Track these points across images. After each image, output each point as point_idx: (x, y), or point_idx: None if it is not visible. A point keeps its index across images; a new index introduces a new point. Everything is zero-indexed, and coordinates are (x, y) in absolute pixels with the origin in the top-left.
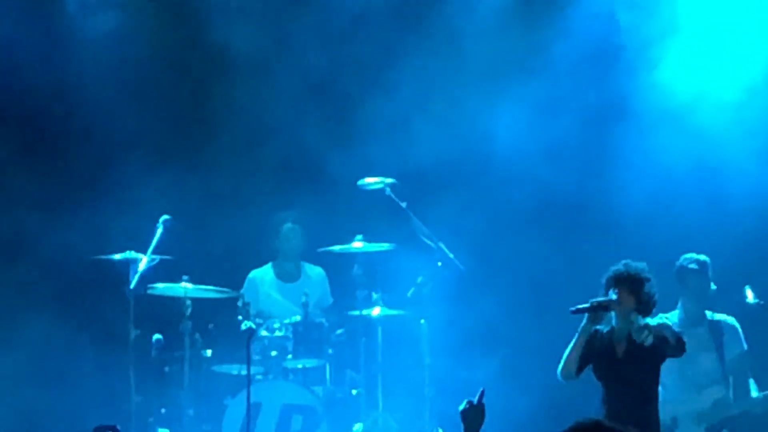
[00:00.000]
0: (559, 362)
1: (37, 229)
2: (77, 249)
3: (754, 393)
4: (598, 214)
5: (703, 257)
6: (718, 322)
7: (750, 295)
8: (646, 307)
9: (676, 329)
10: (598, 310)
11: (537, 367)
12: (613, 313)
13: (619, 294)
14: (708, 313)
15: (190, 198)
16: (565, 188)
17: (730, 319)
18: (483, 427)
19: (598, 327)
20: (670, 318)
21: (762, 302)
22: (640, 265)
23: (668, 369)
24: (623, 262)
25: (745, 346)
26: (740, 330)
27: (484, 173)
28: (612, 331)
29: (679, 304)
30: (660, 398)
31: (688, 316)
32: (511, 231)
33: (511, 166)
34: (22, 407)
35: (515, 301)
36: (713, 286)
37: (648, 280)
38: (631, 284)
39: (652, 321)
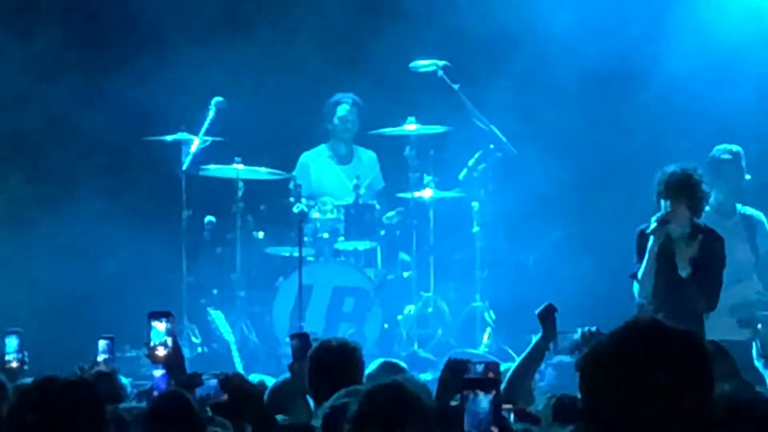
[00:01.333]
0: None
1: (89, 108)
2: (129, 129)
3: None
4: (647, 87)
5: (736, 147)
6: (750, 215)
7: None
8: (700, 206)
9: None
10: (663, 225)
11: (587, 250)
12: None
13: (675, 203)
14: (739, 206)
15: (243, 79)
16: (613, 63)
17: (759, 213)
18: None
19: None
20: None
21: None
22: (690, 168)
23: None
24: (676, 167)
25: None
26: None
27: (536, 53)
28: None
29: (712, 196)
30: None
31: (720, 207)
32: (562, 111)
33: (560, 44)
34: (73, 285)
35: (566, 183)
36: (747, 177)
37: (700, 182)
38: (688, 191)
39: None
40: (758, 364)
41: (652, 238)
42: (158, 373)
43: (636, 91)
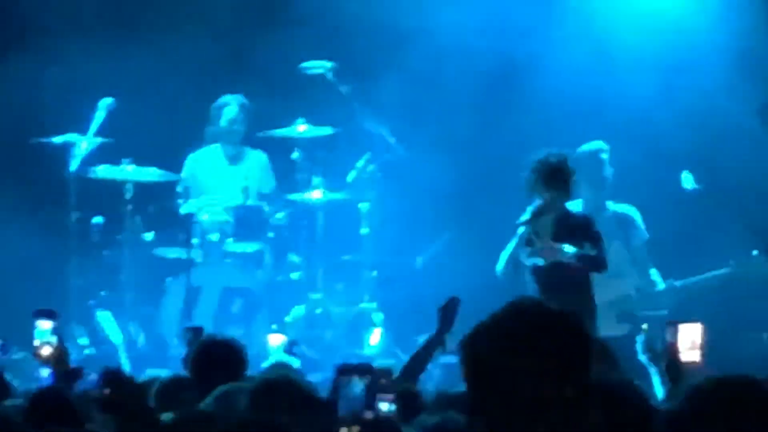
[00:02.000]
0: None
1: None
2: (16, 130)
3: (659, 283)
4: (535, 84)
5: (597, 143)
6: (622, 212)
7: (687, 181)
8: (569, 193)
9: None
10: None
11: (478, 251)
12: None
13: (549, 191)
14: (610, 203)
15: (132, 80)
16: (504, 64)
17: (631, 209)
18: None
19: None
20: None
21: (699, 187)
22: (562, 156)
23: None
24: (548, 155)
25: (646, 236)
26: (640, 219)
27: (426, 55)
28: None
29: (582, 195)
30: None
31: (588, 205)
32: (452, 110)
33: (449, 41)
34: None
35: (456, 183)
36: (607, 170)
37: (572, 170)
38: (561, 177)
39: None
40: (642, 358)
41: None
42: (45, 372)
43: (524, 88)
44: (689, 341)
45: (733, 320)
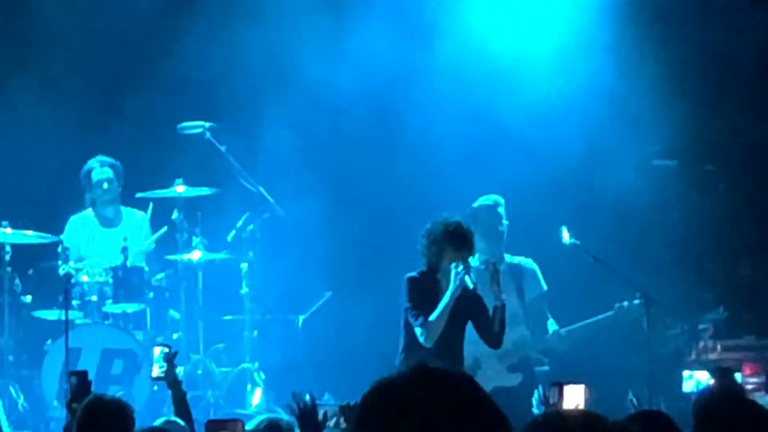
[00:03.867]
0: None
1: None
2: None
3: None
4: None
5: (493, 196)
6: (518, 264)
7: (566, 236)
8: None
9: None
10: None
11: (358, 310)
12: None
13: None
14: (507, 256)
15: (7, 139)
16: (383, 116)
17: (529, 261)
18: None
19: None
20: (472, 263)
21: (577, 242)
22: (461, 219)
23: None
24: (449, 218)
25: (545, 287)
26: (539, 271)
27: (303, 111)
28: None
29: (478, 248)
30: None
31: (485, 258)
32: (330, 170)
33: (327, 100)
34: None
35: (336, 244)
36: (504, 224)
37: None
38: (470, 241)
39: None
40: (537, 412)
41: (453, 284)
42: None
43: (405, 142)
44: (573, 402)
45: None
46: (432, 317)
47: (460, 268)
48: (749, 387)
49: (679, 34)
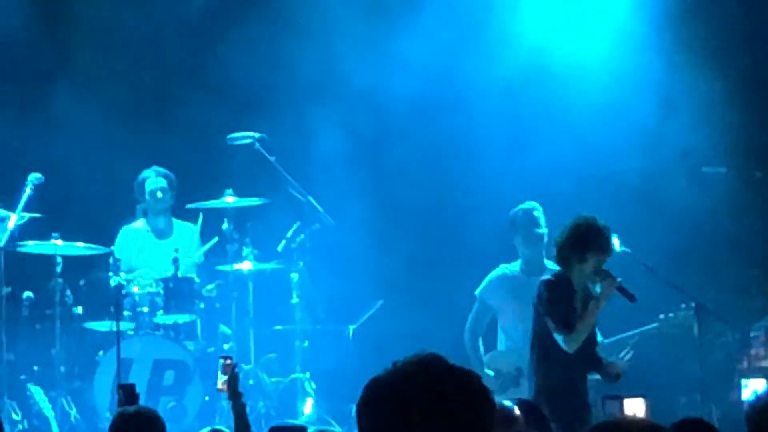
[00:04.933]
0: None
1: None
2: None
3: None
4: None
5: (531, 203)
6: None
7: (617, 243)
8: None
9: (517, 279)
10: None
11: (409, 319)
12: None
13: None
14: (548, 263)
15: (58, 152)
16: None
17: None
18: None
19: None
20: (511, 268)
21: (628, 250)
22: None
23: (512, 318)
24: (591, 219)
25: None
26: None
27: (357, 121)
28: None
29: (519, 254)
30: (504, 347)
31: (527, 264)
32: (383, 179)
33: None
34: None
35: (386, 252)
36: (543, 230)
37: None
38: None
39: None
40: None
41: (600, 290)
42: None
43: (454, 145)
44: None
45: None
46: (577, 326)
47: (610, 279)
48: None
49: (730, 39)
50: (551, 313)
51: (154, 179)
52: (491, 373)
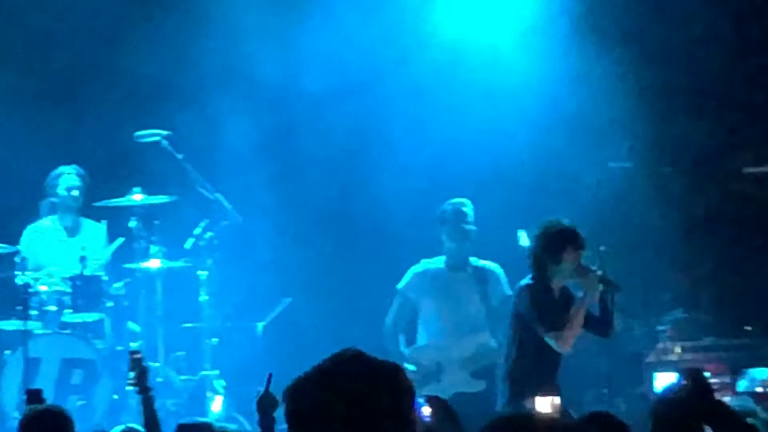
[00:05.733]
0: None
1: None
2: None
3: None
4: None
5: (458, 199)
6: (482, 267)
7: (524, 239)
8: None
9: (441, 274)
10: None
11: (318, 316)
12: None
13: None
14: (472, 259)
15: None
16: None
17: (494, 265)
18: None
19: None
20: (434, 263)
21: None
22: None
23: (434, 315)
24: (562, 220)
25: (509, 292)
26: (503, 276)
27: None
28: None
29: (444, 249)
30: (425, 343)
31: (452, 259)
32: (293, 178)
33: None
34: None
35: (295, 250)
36: (471, 226)
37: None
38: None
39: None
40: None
41: (583, 287)
42: None
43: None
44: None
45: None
46: (568, 326)
47: (599, 273)
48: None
49: (637, 38)
50: (541, 318)
51: (71, 176)
52: (412, 367)
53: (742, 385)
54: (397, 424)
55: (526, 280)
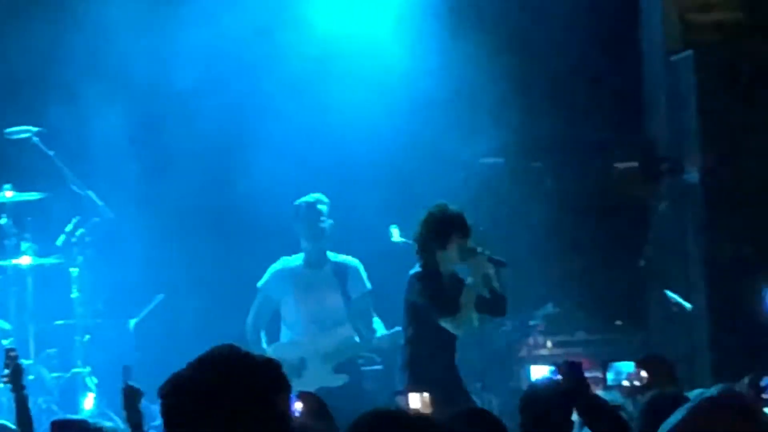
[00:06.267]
0: None
1: None
2: None
3: (381, 331)
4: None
5: (315, 195)
6: (342, 263)
7: (396, 234)
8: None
9: (299, 272)
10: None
11: (190, 312)
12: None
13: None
14: (331, 255)
15: None
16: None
17: (353, 260)
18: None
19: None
20: (293, 260)
21: (408, 241)
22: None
23: (295, 310)
24: (447, 205)
25: (369, 286)
26: (363, 270)
27: (139, 115)
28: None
29: (301, 247)
30: (287, 340)
31: (309, 256)
32: (164, 174)
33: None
34: None
35: (167, 246)
36: (326, 224)
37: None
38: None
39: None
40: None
41: (476, 272)
42: None
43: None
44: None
45: None
46: (462, 310)
47: (486, 253)
48: None
49: (503, 36)
50: (434, 303)
51: None
52: None
53: (609, 378)
54: (273, 419)
55: (416, 269)
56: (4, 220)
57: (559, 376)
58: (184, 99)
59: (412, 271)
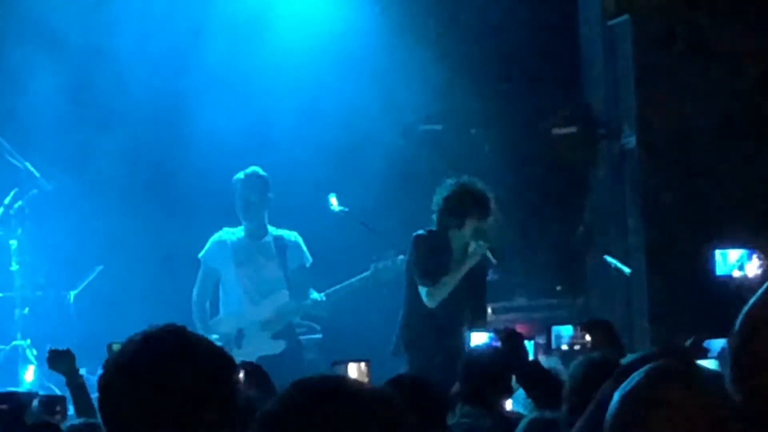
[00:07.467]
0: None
1: None
2: None
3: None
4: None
5: (253, 168)
6: (281, 236)
7: (335, 203)
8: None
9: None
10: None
11: (130, 284)
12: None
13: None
14: (271, 228)
15: None
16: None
17: (292, 234)
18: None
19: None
20: (236, 232)
21: (346, 209)
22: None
23: (233, 283)
24: (476, 186)
25: (309, 259)
26: (303, 244)
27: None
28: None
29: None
30: (225, 311)
31: (249, 228)
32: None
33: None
34: None
35: (107, 218)
36: (261, 197)
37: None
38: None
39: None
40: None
41: (472, 249)
42: None
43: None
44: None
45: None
46: (442, 280)
47: (482, 242)
48: None
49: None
50: (418, 265)
51: None
52: (215, 336)
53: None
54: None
55: (419, 231)
56: None
57: (498, 343)
58: (122, 68)
59: (415, 233)
